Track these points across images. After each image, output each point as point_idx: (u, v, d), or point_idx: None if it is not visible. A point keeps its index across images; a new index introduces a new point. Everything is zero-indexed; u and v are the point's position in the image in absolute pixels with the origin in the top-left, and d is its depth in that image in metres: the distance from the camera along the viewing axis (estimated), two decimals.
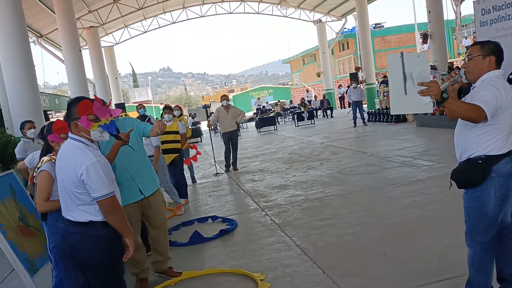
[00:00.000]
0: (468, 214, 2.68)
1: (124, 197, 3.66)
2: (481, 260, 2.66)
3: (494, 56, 2.61)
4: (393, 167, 7.45)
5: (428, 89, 2.45)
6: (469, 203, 2.66)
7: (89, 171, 2.46)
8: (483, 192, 2.58)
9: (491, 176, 2.55)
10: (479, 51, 2.62)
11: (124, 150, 3.54)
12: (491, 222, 2.60)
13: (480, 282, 2.67)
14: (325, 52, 28.46)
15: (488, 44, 2.64)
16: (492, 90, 2.48)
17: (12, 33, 8.71)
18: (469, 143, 2.60)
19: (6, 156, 7.71)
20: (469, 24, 32.33)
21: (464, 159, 2.66)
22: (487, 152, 2.55)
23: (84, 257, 2.62)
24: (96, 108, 2.60)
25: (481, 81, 2.61)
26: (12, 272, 4.74)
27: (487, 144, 2.54)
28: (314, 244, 4.36)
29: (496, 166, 2.54)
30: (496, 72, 2.61)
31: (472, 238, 2.68)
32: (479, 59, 2.62)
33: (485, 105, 2.45)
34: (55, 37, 19.56)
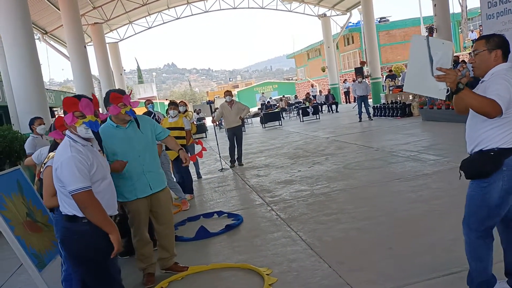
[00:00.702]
0: (469, 201, 2.68)
1: (135, 191, 3.75)
2: (477, 248, 2.65)
3: (500, 49, 2.58)
4: (399, 161, 7.43)
5: (445, 75, 2.45)
6: (473, 191, 2.66)
7: (62, 165, 2.54)
8: (490, 183, 2.56)
9: (501, 169, 2.53)
10: (485, 46, 2.60)
11: (139, 145, 3.74)
12: (490, 213, 2.60)
13: (478, 270, 2.67)
14: (330, 46, 28.35)
15: (493, 38, 2.62)
16: (504, 83, 2.46)
17: (18, 30, 8.75)
18: (481, 137, 2.58)
19: (13, 153, 7.76)
20: (475, 17, 32.06)
21: (476, 151, 2.64)
22: (500, 145, 2.53)
23: (70, 252, 2.67)
24: (82, 105, 2.65)
25: (490, 75, 2.58)
26: (20, 267, 4.80)
27: (501, 137, 2.52)
28: (320, 239, 4.36)
29: (508, 159, 2.53)
30: (505, 65, 2.59)
31: (468, 225, 2.68)
32: (485, 54, 2.60)
33: (500, 99, 2.42)
34: (60, 34, 19.64)
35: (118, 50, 25.56)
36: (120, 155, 3.68)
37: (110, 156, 3.66)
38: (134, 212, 3.84)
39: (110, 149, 3.67)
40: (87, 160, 2.59)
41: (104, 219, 2.62)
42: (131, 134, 3.78)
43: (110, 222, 2.66)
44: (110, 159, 3.63)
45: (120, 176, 3.68)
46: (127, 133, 3.77)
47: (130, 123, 3.79)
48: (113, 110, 3.65)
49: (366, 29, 22.65)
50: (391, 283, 3.21)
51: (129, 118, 3.73)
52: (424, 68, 2.59)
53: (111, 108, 3.65)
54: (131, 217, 3.88)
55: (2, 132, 7.88)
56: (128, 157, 3.69)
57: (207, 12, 26.38)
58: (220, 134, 16.73)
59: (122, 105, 3.65)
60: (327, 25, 28.11)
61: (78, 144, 2.63)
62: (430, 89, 2.61)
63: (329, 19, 28.12)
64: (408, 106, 14.90)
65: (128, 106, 3.66)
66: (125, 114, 3.67)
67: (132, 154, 3.72)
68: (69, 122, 2.65)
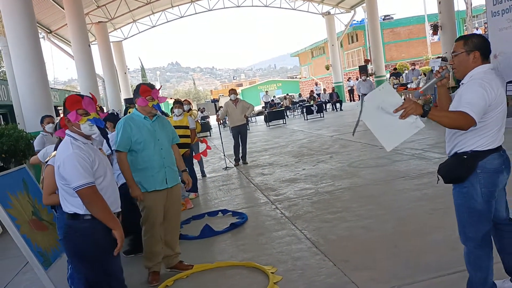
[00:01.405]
0: (459, 211, 2.63)
1: (154, 182, 3.82)
2: (477, 258, 2.59)
3: (478, 51, 2.51)
4: (404, 159, 7.41)
5: (405, 110, 2.37)
6: (457, 199, 2.62)
7: (64, 162, 2.56)
8: (469, 188, 2.53)
9: (476, 172, 2.49)
10: (463, 47, 2.54)
11: (162, 139, 3.89)
12: (481, 218, 2.54)
13: (479, 280, 2.61)
14: (334, 44, 28.31)
15: (472, 39, 2.54)
16: (479, 91, 2.39)
17: (23, 30, 8.79)
18: (457, 139, 2.55)
19: (18, 152, 7.80)
20: (480, 15, 31.86)
21: (452, 154, 2.62)
22: (475, 147, 2.49)
23: (72, 249, 2.68)
24: (85, 102, 2.68)
25: (469, 78, 2.53)
26: (26, 266, 4.82)
27: (475, 140, 2.48)
28: (325, 237, 4.36)
29: (482, 162, 2.48)
30: (484, 67, 2.52)
31: (465, 234, 2.62)
32: (463, 56, 2.54)
33: (472, 109, 2.36)
34: (65, 33, 19.71)
35: (122, 49, 25.60)
36: (144, 144, 3.81)
37: (135, 145, 3.79)
38: (150, 207, 3.86)
39: (135, 138, 3.79)
40: (89, 157, 2.62)
41: (108, 214, 2.64)
42: (156, 128, 3.91)
43: (114, 218, 2.68)
44: (133, 147, 3.79)
45: (141, 167, 3.80)
46: (153, 125, 3.90)
47: (156, 118, 3.93)
48: (141, 102, 3.82)
49: (370, 27, 22.60)
50: (396, 281, 3.20)
51: (155, 112, 3.88)
52: (386, 120, 2.48)
53: (140, 100, 3.82)
54: (146, 213, 3.90)
55: (7, 131, 7.92)
56: (151, 149, 3.82)
57: (211, 11, 26.39)
58: (225, 133, 16.74)
59: (150, 99, 3.80)
60: (331, 23, 28.06)
61: (79, 142, 2.66)
62: (406, 131, 2.51)
63: (333, 17, 28.07)
64: None
65: (155, 100, 3.82)
66: (152, 107, 3.82)
67: (155, 146, 3.85)
68: (73, 120, 2.66)
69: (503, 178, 2.55)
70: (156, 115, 3.93)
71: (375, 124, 2.55)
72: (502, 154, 2.54)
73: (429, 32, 24.54)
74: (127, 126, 3.80)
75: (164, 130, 3.98)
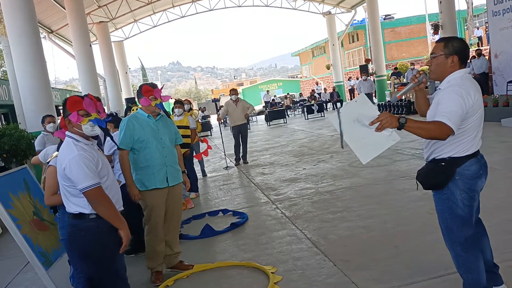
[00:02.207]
0: (441, 216, 2.62)
1: (154, 180, 3.84)
2: (465, 260, 2.58)
3: (457, 55, 2.47)
4: (404, 159, 7.41)
5: (381, 123, 2.34)
6: (439, 205, 2.61)
7: (70, 164, 2.56)
8: (449, 194, 2.52)
9: (454, 179, 2.48)
10: (442, 50, 2.50)
11: (164, 138, 3.92)
12: (464, 222, 2.54)
13: (472, 282, 2.60)
14: (335, 44, 28.26)
15: (452, 42, 2.49)
16: (457, 99, 2.36)
17: (24, 29, 8.79)
18: (435, 145, 2.53)
19: (19, 151, 7.81)
20: (481, 14, 31.83)
21: (430, 160, 2.60)
22: (452, 154, 2.47)
23: (76, 249, 2.69)
24: (86, 103, 2.68)
25: (446, 83, 2.50)
26: (27, 265, 4.83)
27: (453, 146, 2.47)
28: (325, 237, 4.36)
29: (460, 168, 2.47)
30: (461, 72, 2.49)
31: (450, 239, 2.61)
32: (441, 59, 2.50)
33: (449, 118, 2.33)
34: (66, 33, 19.70)
35: (123, 48, 25.59)
36: (146, 143, 3.83)
37: (137, 143, 3.82)
38: (152, 206, 3.88)
39: (137, 136, 3.82)
40: (93, 157, 2.63)
41: (115, 214, 2.66)
42: (159, 126, 3.95)
43: (120, 217, 2.69)
44: (135, 146, 3.83)
45: (143, 165, 3.83)
46: (156, 124, 3.94)
47: (159, 117, 3.97)
48: (144, 102, 3.85)
49: (371, 26, 22.56)
50: (397, 281, 3.20)
51: (158, 111, 3.92)
52: (363, 134, 2.45)
53: (143, 100, 3.85)
54: (148, 212, 3.91)
55: (8, 131, 7.94)
56: (153, 147, 3.85)
57: (211, 10, 26.36)
58: (225, 132, 16.74)
59: (153, 98, 3.83)
60: (332, 23, 28.01)
61: (81, 143, 2.66)
62: (382, 143, 2.47)
63: (334, 16, 28.02)
64: (413, 104, 14.81)
65: (158, 99, 3.86)
66: (155, 106, 3.86)
67: (157, 145, 3.87)
68: (74, 121, 2.66)
69: (481, 182, 2.55)
70: (160, 114, 3.96)
71: (351, 136, 2.50)
72: (479, 159, 2.53)
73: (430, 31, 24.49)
74: (130, 124, 3.83)
75: (167, 129, 4.00)
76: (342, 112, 2.48)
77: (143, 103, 3.87)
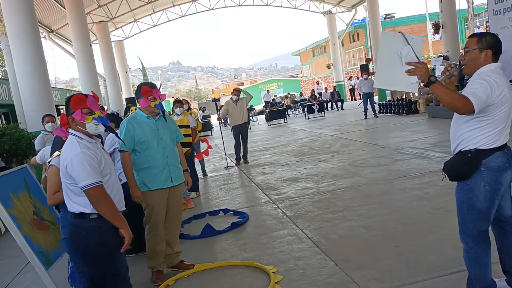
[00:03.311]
0: (460, 207, 2.68)
1: (157, 181, 3.83)
2: (475, 254, 2.63)
3: (491, 50, 2.54)
4: (405, 159, 7.40)
5: (415, 69, 2.46)
6: (459, 196, 2.66)
7: (73, 161, 2.56)
8: (472, 185, 2.56)
9: (480, 170, 2.52)
10: (476, 44, 2.57)
11: (165, 137, 3.90)
12: (480, 215, 2.58)
13: (478, 277, 2.64)
14: (335, 43, 28.26)
15: (486, 37, 2.57)
16: (484, 84, 2.42)
17: (24, 29, 8.79)
18: (462, 137, 2.58)
19: (19, 151, 7.81)
20: (481, 13, 31.81)
21: (456, 152, 2.65)
22: (479, 146, 2.52)
23: (77, 248, 2.68)
24: (90, 101, 2.69)
25: (477, 75, 2.56)
26: (27, 265, 4.83)
27: (480, 138, 2.51)
28: (326, 237, 4.35)
29: (486, 160, 2.51)
30: (492, 65, 2.55)
31: (463, 231, 2.67)
32: (475, 53, 2.57)
33: (474, 98, 2.40)
34: (66, 32, 19.68)
35: (123, 48, 25.58)
36: (147, 144, 3.82)
37: (138, 144, 3.81)
38: (153, 206, 3.87)
39: (138, 137, 3.80)
40: (96, 156, 2.63)
41: (116, 213, 2.65)
42: (159, 126, 3.93)
43: (121, 217, 2.69)
44: (136, 147, 3.81)
45: (145, 166, 3.82)
46: (156, 124, 3.92)
47: (159, 116, 3.94)
48: (143, 103, 3.83)
49: (372, 26, 22.54)
50: (398, 281, 3.20)
51: (157, 111, 3.89)
52: (394, 63, 2.57)
53: (142, 100, 3.83)
54: (149, 211, 3.91)
55: (9, 131, 7.93)
56: (154, 147, 3.83)
57: (212, 10, 26.34)
58: (226, 132, 16.73)
59: (152, 99, 3.81)
60: (332, 22, 28.01)
61: (84, 141, 2.66)
62: (402, 83, 2.60)
63: (334, 16, 28.01)
64: (414, 103, 14.82)
65: (157, 100, 3.83)
66: (154, 107, 3.83)
67: (158, 145, 3.86)
68: (78, 119, 2.66)
69: (507, 176, 2.57)
70: (159, 114, 3.94)
71: (384, 58, 2.63)
72: (506, 152, 2.56)
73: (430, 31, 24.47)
74: (130, 126, 3.81)
75: (167, 128, 3.98)
76: (395, 35, 2.58)
77: (142, 104, 3.85)
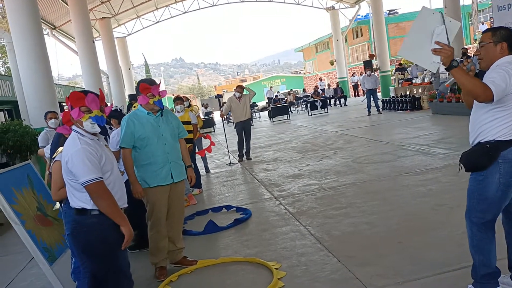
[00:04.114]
0: (470, 196, 2.72)
1: (157, 178, 3.83)
2: (480, 241, 2.67)
3: (506, 42, 2.57)
4: (409, 155, 7.38)
5: (442, 49, 2.51)
6: (471, 185, 2.70)
7: (73, 158, 2.57)
8: (487, 176, 2.58)
9: (497, 162, 2.54)
10: (491, 38, 2.60)
11: (166, 134, 3.89)
12: (489, 206, 2.62)
13: (482, 263, 2.68)
14: (339, 39, 28.14)
15: (500, 31, 2.61)
16: (502, 73, 2.46)
17: (27, 26, 8.79)
18: (481, 129, 2.61)
19: (23, 147, 7.84)
20: (486, 9, 31.59)
21: (475, 143, 2.66)
22: (497, 137, 2.54)
23: (79, 244, 2.70)
24: (89, 100, 2.68)
25: (495, 66, 2.59)
26: (31, 261, 4.85)
27: (499, 129, 2.53)
28: (329, 233, 4.35)
29: (505, 152, 2.53)
30: (509, 57, 2.58)
31: (470, 219, 2.72)
32: (490, 46, 2.60)
33: (494, 86, 2.43)
34: (69, 29, 19.68)
35: (126, 44, 25.57)
36: (147, 140, 3.81)
37: (138, 141, 3.80)
38: (154, 202, 3.88)
39: (138, 134, 3.80)
40: (97, 152, 2.64)
41: (116, 210, 2.66)
42: (160, 123, 3.91)
43: (122, 214, 2.70)
44: (137, 143, 3.80)
45: (145, 162, 3.82)
46: (156, 121, 3.90)
47: (159, 113, 3.92)
48: (142, 100, 3.82)
49: (375, 21, 22.44)
50: (401, 277, 3.19)
51: (157, 108, 3.86)
52: (424, 39, 2.63)
53: (140, 97, 3.82)
54: (150, 208, 3.91)
55: (13, 127, 7.96)
56: (154, 144, 3.82)
57: (214, 6, 26.29)
58: (228, 128, 16.72)
59: (151, 95, 3.79)
60: (335, 18, 27.89)
61: (86, 138, 2.67)
62: (424, 59, 2.68)
63: (338, 12, 27.89)
64: (417, 100, 14.77)
65: (156, 97, 3.80)
66: (153, 104, 3.81)
67: (159, 142, 3.85)
68: (75, 117, 2.68)
69: None
70: (160, 110, 3.92)
71: (415, 33, 2.72)
72: None
73: None
74: (130, 123, 3.81)
75: (168, 125, 3.97)
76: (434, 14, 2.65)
77: (140, 101, 3.83)
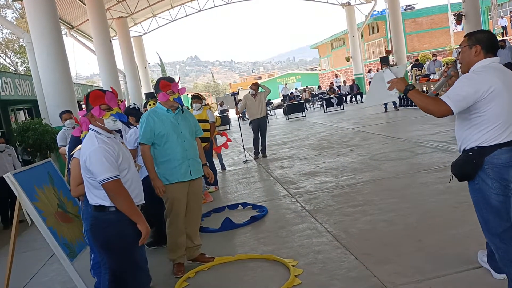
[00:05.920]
0: (477, 208, 2.66)
1: (177, 174, 3.87)
2: (506, 253, 2.56)
3: (479, 45, 2.55)
4: (426, 152, 7.28)
5: (392, 83, 2.72)
6: (474, 196, 2.65)
7: (90, 156, 2.62)
8: (481, 184, 2.56)
9: (484, 168, 2.51)
10: (466, 42, 2.62)
11: (185, 131, 3.92)
12: (498, 213, 2.55)
13: None
14: (354, 36, 27.93)
15: (476, 34, 2.62)
16: (463, 81, 2.46)
17: (46, 26, 8.95)
18: (464, 134, 2.60)
19: (43, 146, 7.98)
20: (505, 3, 30.93)
21: (461, 151, 2.65)
22: (479, 143, 2.51)
23: (98, 240, 2.75)
24: (108, 98, 2.73)
25: (471, 72, 2.57)
26: (52, 257, 4.94)
27: (479, 135, 2.51)
28: (346, 231, 4.33)
29: (489, 157, 2.49)
30: (486, 61, 2.54)
31: (488, 231, 2.64)
32: (466, 50, 2.61)
33: (449, 99, 2.43)
34: (86, 28, 19.95)
35: (142, 43, 25.82)
36: (167, 137, 3.85)
37: (157, 138, 3.84)
38: (173, 199, 3.91)
39: (158, 130, 3.84)
40: (114, 150, 2.67)
41: (132, 208, 2.69)
42: (179, 120, 3.95)
43: (138, 212, 2.73)
44: (156, 140, 3.85)
45: (164, 159, 3.86)
46: (176, 118, 3.94)
47: (178, 110, 3.96)
48: (162, 97, 3.86)
49: (392, 17, 22.20)
50: (420, 275, 3.16)
51: (176, 105, 3.91)
52: (380, 85, 2.91)
53: (160, 95, 3.86)
54: (170, 204, 3.95)
55: (33, 126, 8.11)
56: (174, 141, 3.86)
57: (229, 4, 26.32)
58: (244, 126, 16.75)
59: (171, 92, 3.84)
60: (351, 14, 27.67)
61: (103, 136, 2.71)
62: (385, 97, 2.95)
63: (353, 7, 27.66)
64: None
65: (176, 94, 3.86)
66: (173, 101, 3.85)
67: (178, 139, 3.89)
68: (97, 115, 2.71)
69: None
70: (179, 108, 3.96)
71: (373, 87, 3.08)
72: (511, 149, 2.50)
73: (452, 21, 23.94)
74: (150, 119, 3.85)
75: (187, 122, 4.00)
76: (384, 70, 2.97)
77: (161, 99, 3.89)
